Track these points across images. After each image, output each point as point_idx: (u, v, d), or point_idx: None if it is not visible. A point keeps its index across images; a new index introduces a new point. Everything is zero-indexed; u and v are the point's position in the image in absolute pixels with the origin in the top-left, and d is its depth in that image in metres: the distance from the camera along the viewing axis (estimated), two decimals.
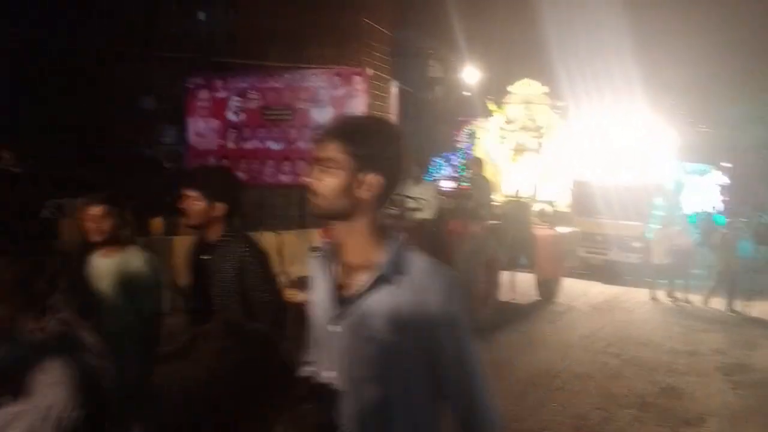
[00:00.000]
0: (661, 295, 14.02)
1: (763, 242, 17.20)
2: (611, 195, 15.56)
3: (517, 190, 12.74)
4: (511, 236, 10.94)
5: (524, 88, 13.39)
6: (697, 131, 32.61)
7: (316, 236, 8.37)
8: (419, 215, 9.54)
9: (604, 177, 15.75)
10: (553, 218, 12.54)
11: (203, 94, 17.36)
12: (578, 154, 13.66)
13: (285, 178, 16.79)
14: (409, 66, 23.53)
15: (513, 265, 11.45)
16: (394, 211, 9.41)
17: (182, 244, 9.54)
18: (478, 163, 11.36)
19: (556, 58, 17.78)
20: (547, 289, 12.60)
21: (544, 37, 18.63)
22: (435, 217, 9.74)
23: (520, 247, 11.24)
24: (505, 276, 11.31)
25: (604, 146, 16.04)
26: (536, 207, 12.64)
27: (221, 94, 17.20)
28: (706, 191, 26.62)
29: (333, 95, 16.17)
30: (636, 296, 14.57)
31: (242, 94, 17.01)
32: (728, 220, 24.04)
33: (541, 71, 15.56)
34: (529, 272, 11.83)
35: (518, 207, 11.86)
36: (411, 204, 9.43)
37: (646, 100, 17.75)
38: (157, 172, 18.00)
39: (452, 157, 19.79)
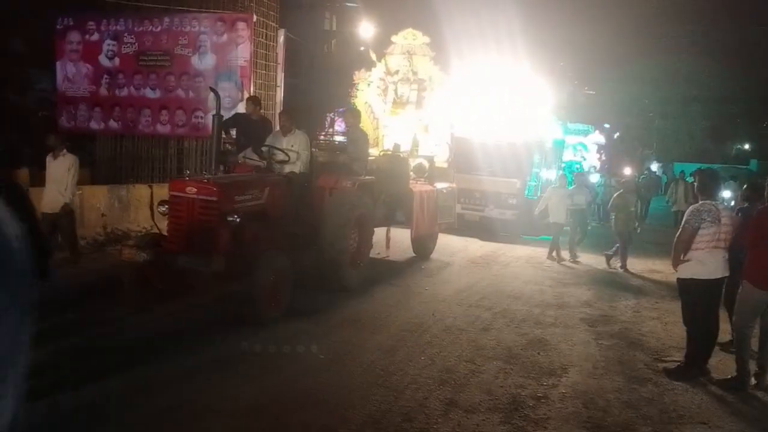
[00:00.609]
0: (565, 254, 13.79)
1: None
2: (489, 151, 15.33)
3: (397, 145, 12.13)
4: (387, 192, 10.41)
5: (407, 38, 12.69)
6: (584, 93, 33.24)
7: (167, 189, 7.57)
8: (288, 168, 8.87)
9: (483, 133, 15.48)
10: (431, 174, 11.99)
11: (74, 36, 16.03)
12: (458, 110, 13.12)
13: (162, 129, 15.73)
14: (305, 19, 22.47)
15: (389, 222, 10.99)
16: (257, 162, 8.68)
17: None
18: (354, 114, 10.35)
19: (443, 10, 17.36)
20: (423, 245, 12.20)
21: None
22: (305, 170, 9.08)
23: (396, 203, 10.75)
24: (380, 232, 10.87)
25: (484, 102, 15.74)
26: (415, 162, 12.05)
27: (94, 37, 15.92)
28: (587, 150, 27.01)
29: (215, 41, 15.16)
30: (513, 252, 14.44)
31: (117, 37, 15.79)
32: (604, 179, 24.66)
33: (428, 25, 15.05)
34: (406, 228, 11.31)
35: (395, 162, 11.27)
36: (279, 156, 8.71)
37: (531, 60, 17.56)
38: (25, 121, 16.38)
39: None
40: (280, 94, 16.27)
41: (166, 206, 7.35)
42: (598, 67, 32.26)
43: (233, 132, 9.67)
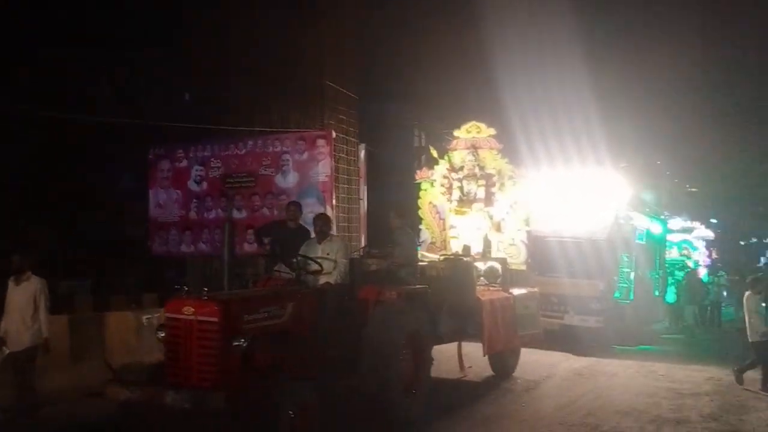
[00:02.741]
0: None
1: None
2: (569, 250, 13.10)
3: (466, 247, 10.17)
4: (450, 302, 8.34)
5: (471, 131, 10.92)
6: (685, 191, 30.49)
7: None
8: (323, 279, 7.13)
9: (561, 230, 13.37)
10: (505, 278, 9.85)
11: (165, 164, 15.54)
12: (534, 205, 11.04)
13: (249, 248, 14.65)
14: (395, 138, 21.53)
15: (458, 336, 8.87)
16: (287, 274, 7.00)
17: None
18: (399, 213, 8.43)
19: (512, 113, 15.86)
20: (502, 362, 9.88)
21: (503, 92, 16.75)
22: (343, 281, 7.27)
23: (465, 315, 8.62)
24: (451, 350, 8.92)
25: (561, 197, 13.68)
26: (486, 265, 9.98)
27: (183, 164, 15.36)
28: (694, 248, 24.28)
29: (297, 159, 14.24)
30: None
31: (204, 162, 15.18)
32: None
33: (497, 116, 13.46)
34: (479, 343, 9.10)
35: (458, 266, 9.05)
36: (312, 266, 7.05)
37: (618, 153, 15.70)
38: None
39: None
40: (363, 206, 15.20)
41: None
42: (700, 163, 29.36)
43: (268, 241, 8.17)
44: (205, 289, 5.68)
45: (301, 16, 14.64)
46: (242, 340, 5.51)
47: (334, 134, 13.97)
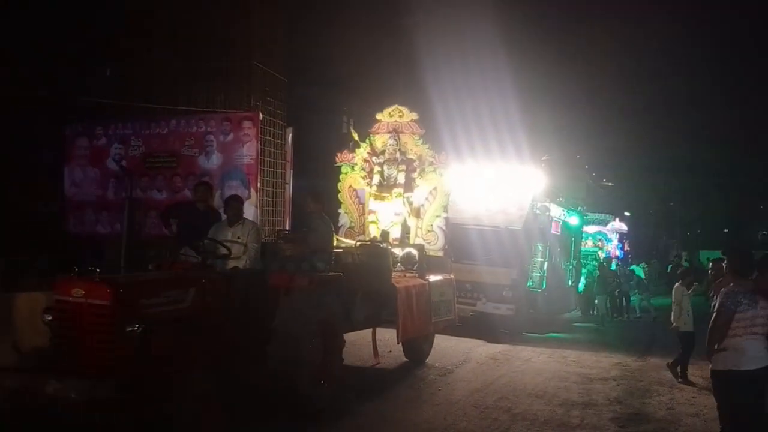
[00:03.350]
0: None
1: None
2: (486, 238, 12.92)
3: (385, 232, 9.81)
4: (366, 289, 7.90)
5: (393, 115, 10.48)
6: (601, 185, 31.06)
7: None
8: (231, 263, 6.63)
9: (479, 218, 13.20)
10: (421, 264, 9.41)
11: (82, 142, 14.62)
12: (452, 192, 10.73)
13: (169, 230, 13.97)
14: (323, 123, 21.04)
15: (373, 323, 8.42)
16: (193, 258, 6.49)
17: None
18: (316, 198, 7.91)
19: (437, 100, 15.67)
20: (416, 349, 9.55)
21: (429, 80, 16.58)
22: (252, 266, 6.80)
23: (380, 301, 8.22)
24: (366, 337, 8.61)
25: (481, 185, 13.55)
26: (404, 251, 9.67)
27: (101, 142, 14.48)
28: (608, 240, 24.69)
29: (222, 141, 13.61)
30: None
31: (124, 141, 14.34)
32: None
33: (420, 102, 13.19)
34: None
35: (374, 252, 8.53)
36: (220, 250, 6.54)
37: (539, 146, 15.67)
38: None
39: None
40: (288, 191, 14.61)
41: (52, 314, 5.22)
42: (617, 158, 30.01)
43: (174, 223, 7.66)
44: (97, 269, 5.13)
45: None
46: (137, 326, 5.02)
47: (261, 116, 13.42)
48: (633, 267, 22.97)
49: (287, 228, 13.25)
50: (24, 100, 12.93)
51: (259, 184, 13.30)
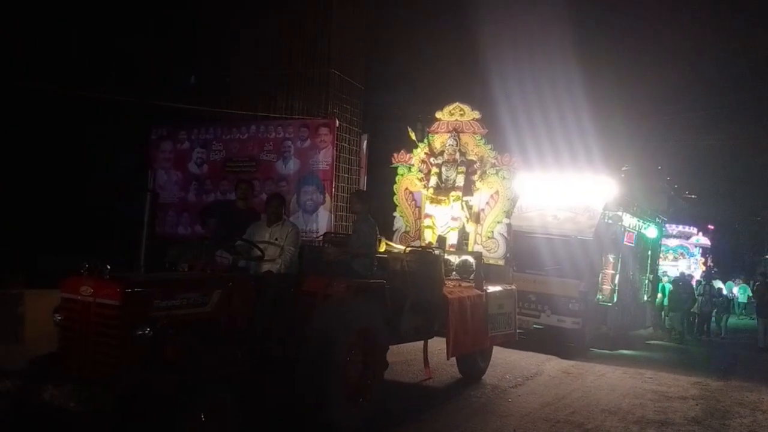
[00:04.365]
0: None
1: None
2: (554, 248, 11.78)
3: (442, 238, 8.81)
4: (415, 298, 6.97)
5: (454, 114, 9.46)
6: (684, 198, 28.89)
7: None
8: (266, 267, 5.88)
9: (545, 226, 12.07)
10: (479, 274, 8.29)
11: (167, 145, 14.54)
12: (516, 198, 9.61)
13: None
14: (397, 130, 20.59)
15: (424, 335, 7.34)
16: (226, 259, 5.82)
17: None
18: (361, 198, 7.11)
19: (504, 103, 14.67)
20: (470, 364, 8.58)
21: (500, 84, 15.57)
22: (288, 270, 5.98)
23: (429, 312, 7.24)
24: (414, 348, 7.73)
25: (549, 190, 12.36)
26: (460, 259, 8.56)
27: (185, 146, 14.36)
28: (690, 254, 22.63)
29: (299, 147, 13.25)
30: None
31: (206, 145, 14.19)
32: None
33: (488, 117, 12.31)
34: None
35: (425, 260, 7.50)
36: (255, 252, 5.84)
37: (617, 155, 14.34)
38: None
39: None
40: None
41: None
42: (702, 169, 27.59)
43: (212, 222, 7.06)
44: (108, 266, 4.54)
45: (311, 5, 13.69)
46: (148, 329, 4.40)
47: (337, 123, 13.05)
48: (729, 283, 21.15)
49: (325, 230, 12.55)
50: (112, 105, 12.87)
51: (334, 190, 12.94)
